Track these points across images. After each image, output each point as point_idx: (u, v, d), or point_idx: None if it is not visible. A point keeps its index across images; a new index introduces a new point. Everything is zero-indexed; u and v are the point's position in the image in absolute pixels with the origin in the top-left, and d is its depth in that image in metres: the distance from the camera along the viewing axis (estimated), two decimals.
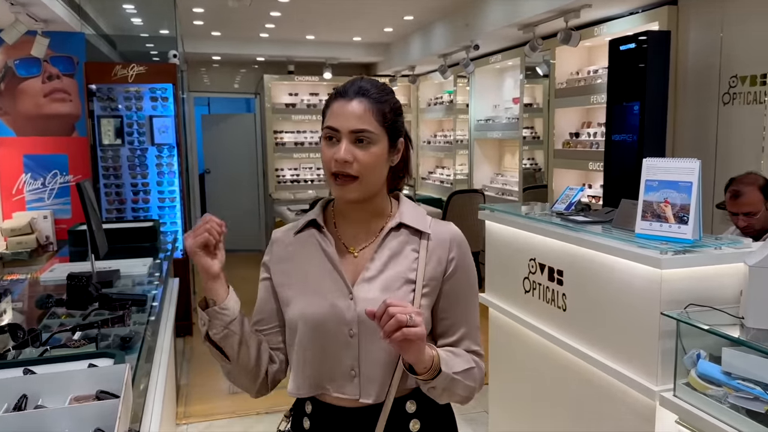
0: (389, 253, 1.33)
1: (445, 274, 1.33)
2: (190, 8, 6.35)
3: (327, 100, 1.34)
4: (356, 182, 1.27)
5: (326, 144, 1.28)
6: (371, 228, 1.37)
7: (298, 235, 1.39)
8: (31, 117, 5.26)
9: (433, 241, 1.34)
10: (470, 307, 1.37)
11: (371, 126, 1.27)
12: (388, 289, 1.28)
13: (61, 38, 5.13)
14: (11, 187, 5.23)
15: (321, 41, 8.43)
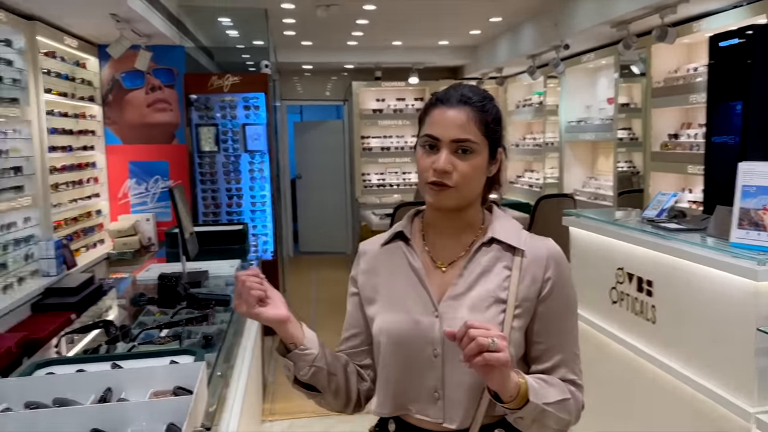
0: (479, 269, 1.25)
1: (540, 294, 1.23)
2: (281, 19, 6.58)
3: (426, 106, 1.28)
4: (453, 190, 1.21)
5: (424, 152, 1.23)
6: (461, 241, 1.29)
7: (385, 247, 1.34)
8: (136, 126, 5.64)
9: (528, 258, 1.25)
10: (568, 332, 1.27)
11: (473, 135, 1.21)
12: (476, 309, 1.21)
13: (162, 51, 5.47)
14: (117, 192, 5.63)
15: (407, 47, 8.48)
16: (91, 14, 4.39)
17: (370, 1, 5.88)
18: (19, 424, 1.23)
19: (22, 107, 4.17)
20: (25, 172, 4.21)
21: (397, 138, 9.33)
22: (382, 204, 8.43)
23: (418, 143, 1.26)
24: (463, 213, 1.28)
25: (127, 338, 1.95)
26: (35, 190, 4.31)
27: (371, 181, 9.28)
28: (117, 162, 5.62)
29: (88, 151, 5.35)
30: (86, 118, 5.36)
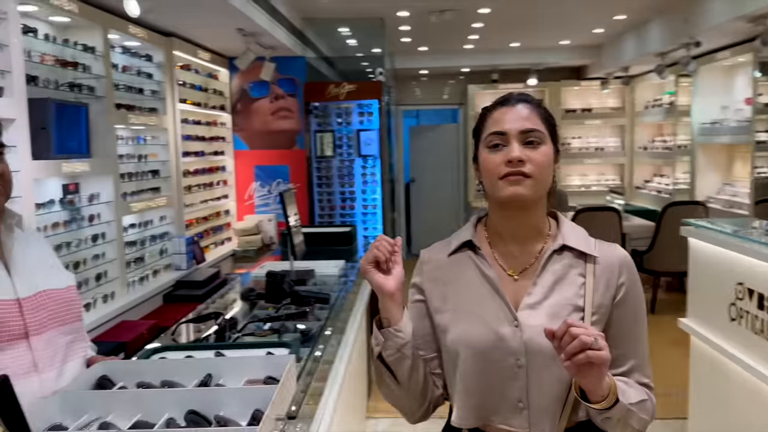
0: (553, 277, 1.25)
1: (615, 299, 1.24)
2: (397, 27, 6.72)
3: (482, 114, 1.32)
4: (530, 180, 1.20)
5: (490, 152, 1.24)
6: (530, 249, 1.28)
7: (453, 256, 1.32)
8: (261, 132, 6.03)
9: (601, 264, 1.25)
10: (640, 337, 1.27)
11: (539, 126, 1.24)
12: (555, 317, 1.20)
13: (285, 62, 5.81)
14: (244, 193, 6.05)
15: (526, 48, 8.32)
16: (221, 29, 4.76)
17: (485, 5, 5.86)
18: (129, 401, 1.40)
19: (160, 116, 4.62)
20: (162, 175, 4.67)
21: None
22: None
23: (482, 147, 1.27)
24: (531, 217, 1.27)
25: (233, 329, 2.12)
26: (170, 192, 4.76)
27: None
28: (244, 166, 6.05)
29: (218, 156, 5.80)
30: (217, 125, 5.82)
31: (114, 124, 3.90)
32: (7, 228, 1.49)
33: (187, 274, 4.61)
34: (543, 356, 1.18)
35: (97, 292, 3.66)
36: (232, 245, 5.86)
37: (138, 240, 4.30)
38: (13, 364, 1.40)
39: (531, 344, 1.20)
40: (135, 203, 4.18)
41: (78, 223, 3.60)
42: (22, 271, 1.47)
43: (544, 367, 1.19)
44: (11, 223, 1.51)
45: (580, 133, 9.09)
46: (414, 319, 1.32)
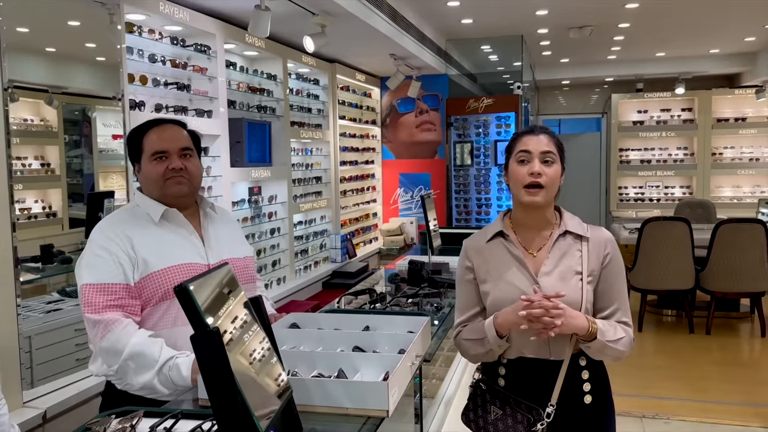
0: (560, 253, 1.79)
1: (602, 265, 1.77)
2: (538, 42, 7.05)
3: (513, 138, 1.84)
4: (543, 190, 1.74)
5: (518, 165, 1.77)
6: (543, 234, 1.82)
7: (490, 242, 1.84)
8: (406, 144, 6.68)
9: (592, 242, 1.79)
10: (621, 289, 1.79)
11: (553, 150, 1.76)
12: (563, 279, 1.75)
13: (429, 80, 6.41)
14: (390, 198, 6.74)
15: (672, 57, 8.20)
16: (376, 54, 5.46)
17: (625, 20, 6.02)
18: (314, 338, 2.01)
19: (323, 131, 5.41)
20: (324, 181, 5.46)
21: (660, 150, 9.02)
22: (637, 218, 8.27)
23: (512, 160, 1.80)
24: (544, 212, 1.80)
25: (383, 302, 2.70)
26: (330, 195, 5.54)
27: (628, 195, 9.13)
28: (390, 174, 6.74)
29: (369, 165, 6.53)
30: (369, 137, 6.56)
31: (289, 138, 4.72)
32: (204, 213, 1.99)
33: (342, 266, 5.34)
34: None
35: (273, 276, 4.48)
36: (379, 244, 6.56)
37: (304, 235, 5.11)
38: None
39: None
40: (303, 204, 4.98)
41: (260, 219, 4.44)
42: (213, 244, 1.94)
43: None
44: (207, 208, 2.00)
45: (733, 142, 8.73)
46: (469, 292, 1.88)
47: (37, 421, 2.30)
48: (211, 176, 3.81)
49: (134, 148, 1.90)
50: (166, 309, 1.82)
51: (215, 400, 1.15)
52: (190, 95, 3.69)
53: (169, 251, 1.84)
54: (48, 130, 2.83)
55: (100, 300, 1.73)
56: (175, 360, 1.70)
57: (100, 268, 1.76)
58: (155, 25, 3.38)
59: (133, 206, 1.92)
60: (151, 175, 1.86)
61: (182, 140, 1.90)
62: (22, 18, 2.45)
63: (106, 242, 1.79)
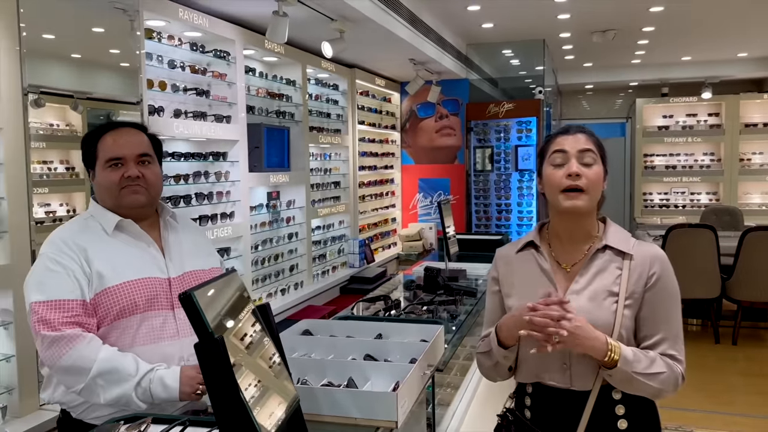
0: (595, 270, 1.55)
1: (646, 286, 1.52)
2: (560, 46, 6.98)
3: (547, 139, 1.63)
4: (584, 194, 1.51)
5: (554, 169, 1.55)
6: (581, 248, 1.59)
7: (520, 253, 1.66)
8: (426, 149, 6.66)
9: (636, 260, 1.53)
10: (670, 316, 1.52)
11: (593, 149, 1.54)
12: (594, 300, 1.52)
13: (450, 85, 6.38)
14: (409, 203, 6.72)
15: (699, 61, 8.06)
16: (395, 59, 5.45)
17: (649, 23, 5.93)
18: (325, 345, 1.99)
19: (342, 136, 5.41)
20: (342, 186, 5.46)
21: (686, 156, 8.86)
22: (662, 225, 8.13)
23: (546, 164, 1.58)
24: (583, 223, 1.58)
25: (398, 309, 2.68)
26: (348, 200, 5.53)
27: (653, 201, 8.98)
28: (409, 179, 6.71)
29: (388, 170, 6.52)
30: (388, 142, 6.55)
31: (308, 143, 4.73)
32: (165, 221, 1.85)
33: (359, 271, 5.33)
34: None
35: (290, 280, 4.48)
36: (397, 249, 6.53)
37: (321, 240, 5.11)
38: (162, 329, 1.71)
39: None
40: (321, 209, 4.99)
41: (278, 224, 4.45)
42: (174, 256, 1.80)
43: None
44: (167, 217, 1.86)
45: (761, 148, 8.53)
46: (494, 305, 1.71)
47: (52, 424, 2.32)
48: (230, 181, 3.82)
49: (88, 152, 1.76)
50: (124, 328, 1.68)
51: (219, 409, 1.14)
52: (210, 101, 3.71)
53: (125, 265, 1.70)
54: (73, 134, 2.88)
55: (56, 317, 1.58)
56: (156, 372, 1.58)
57: (53, 283, 1.62)
58: (175, 32, 3.41)
59: (86, 217, 1.78)
60: (106, 183, 1.73)
61: (140, 146, 1.76)
62: (48, 25, 2.49)
63: (58, 255, 1.65)
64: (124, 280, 1.68)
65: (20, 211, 2.29)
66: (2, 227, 2.24)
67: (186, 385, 1.55)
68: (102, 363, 1.57)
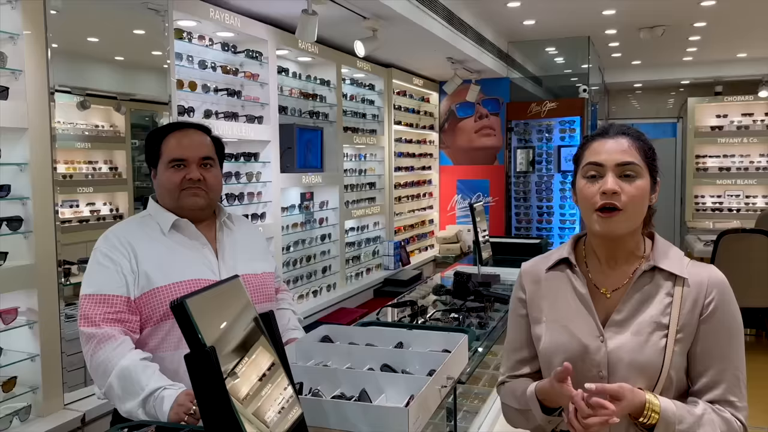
0: (642, 296, 1.31)
1: (701, 317, 1.27)
2: (607, 44, 6.74)
3: (582, 144, 1.39)
4: (621, 214, 1.27)
5: (587, 182, 1.31)
6: (624, 269, 1.34)
7: (551, 271, 1.41)
8: (465, 149, 6.53)
9: (690, 285, 1.29)
10: (729, 354, 1.28)
11: (636, 159, 1.28)
12: (639, 334, 1.28)
13: (489, 84, 6.23)
14: (446, 205, 6.60)
15: (755, 57, 7.67)
16: (432, 58, 5.35)
17: (700, 18, 5.65)
18: (343, 353, 1.92)
19: (378, 136, 5.35)
20: (377, 187, 5.39)
21: (741, 157, 8.44)
22: (714, 230, 7.77)
23: (579, 175, 1.34)
24: (626, 241, 1.33)
25: (424, 314, 2.59)
26: (383, 201, 5.46)
27: (705, 204, 8.60)
28: (448, 180, 6.59)
29: (425, 171, 6.42)
30: (426, 143, 6.45)
31: (342, 143, 4.68)
32: (221, 224, 1.84)
33: (394, 274, 5.25)
34: (623, 369, 1.26)
35: (323, 282, 4.44)
36: (434, 251, 6.42)
37: (356, 241, 5.05)
38: None
39: (613, 358, 1.28)
40: (355, 210, 4.93)
41: (311, 225, 4.41)
42: (228, 258, 1.80)
43: (624, 380, 1.25)
44: (224, 219, 1.85)
45: None
46: (522, 330, 1.46)
47: (76, 424, 2.33)
48: (261, 182, 3.80)
49: (152, 151, 1.78)
50: (169, 329, 1.68)
51: (209, 423, 1.08)
52: (242, 101, 3.70)
53: (175, 266, 1.71)
54: (116, 135, 2.93)
55: (98, 312, 1.61)
56: (161, 392, 1.54)
57: (101, 277, 1.65)
58: (207, 32, 3.41)
59: (144, 215, 1.81)
60: (167, 184, 1.75)
61: (203, 149, 1.78)
62: (92, 29, 2.53)
63: (110, 251, 1.68)
64: (172, 281, 1.69)
65: (45, 212, 2.30)
66: (28, 227, 2.25)
67: (173, 411, 1.49)
68: (121, 370, 1.56)
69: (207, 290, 1.19)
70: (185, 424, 1.45)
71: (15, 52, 2.22)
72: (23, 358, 2.26)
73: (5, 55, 2.19)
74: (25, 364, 2.28)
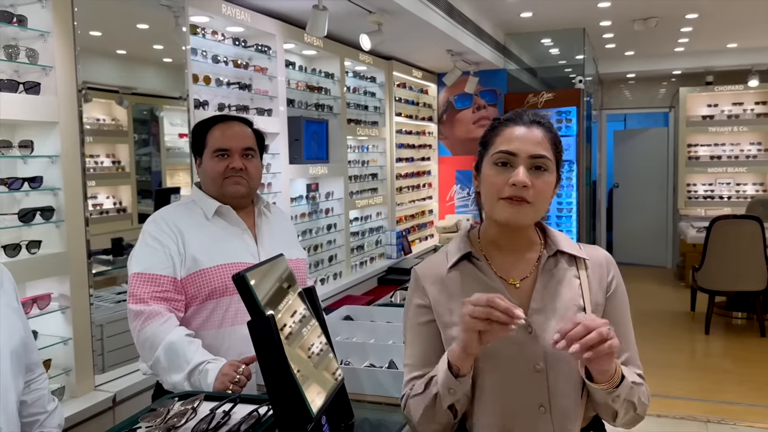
0: (553, 282, 1.29)
1: (607, 294, 1.32)
2: (601, 35, 6.86)
3: (492, 126, 1.32)
4: (530, 207, 1.23)
5: (496, 170, 1.25)
6: (527, 257, 1.32)
7: (453, 270, 1.31)
8: (463, 140, 6.65)
9: (591, 265, 1.32)
10: (630, 328, 1.32)
11: (548, 153, 1.25)
12: (563, 318, 1.23)
13: (487, 75, 6.35)
14: (446, 195, 6.73)
15: (745, 48, 7.82)
16: (432, 51, 5.45)
17: (693, 10, 5.79)
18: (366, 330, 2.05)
19: (379, 128, 5.46)
20: (379, 178, 5.50)
21: (731, 146, 8.62)
22: (706, 216, 7.95)
23: (487, 161, 1.28)
24: (528, 229, 1.33)
25: None
26: (385, 192, 5.58)
27: (697, 192, 8.78)
28: (446, 170, 6.72)
29: (425, 162, 6.54)
30: (425, 134, 6.56)
31: (346, 135, 4.79)
32: (259, 211, 1.96)
33: (397, 263, 5.37)
34: (560, 357, 1.21)
35: (329, 271, 4.56)
36: (434, 241, 6.55)
37: (359, 231, 5.17)
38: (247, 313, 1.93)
39: (548, 347, 1.21)
40: (359, 200, 5.05)
41: (317, 215, 4.52)
42: (266, 243, 1.91)
43: (561, 369, 1.22)
44: (262, 207, 1.97)
45: None
46: (428, 339, 1.32)
47: (107, 404, 2.44)
48: (271, 173, 3.91)
49: (198, 141, 1.91)
50: (213, 308, 1.80)
51: (271, 384, 1.20)
52: (251, 94, 3.80)
53: (220, 249, 1.82)
54: (119, 129, 2.97)
55: (146, 290, 1.72)
56: (206, 365, 1.63)
57: (150, 258, 1.76)
58: (218, 27, 3.50)
59: (188, 201, 1.94)
60: (211, 172, 1.87)
61: (246, 139, 1.90)
62: (95, 23, 2.59)
63: (158, 233, 1.80)
64: (218, 263, 1.80)
65: (76, 202, 2.40)
66: (60, 216, 2.35)
67: (218, 381, 1.60)
68: (168, 344, 1.67)
69: (260, 266, 1.32)
70: (231, 393, 1.57)
71: (45, 49, 2.31)
72: (57, 341, 2.37)
73: (37, 52, 2.29)
74: (59, 348, 2.39)
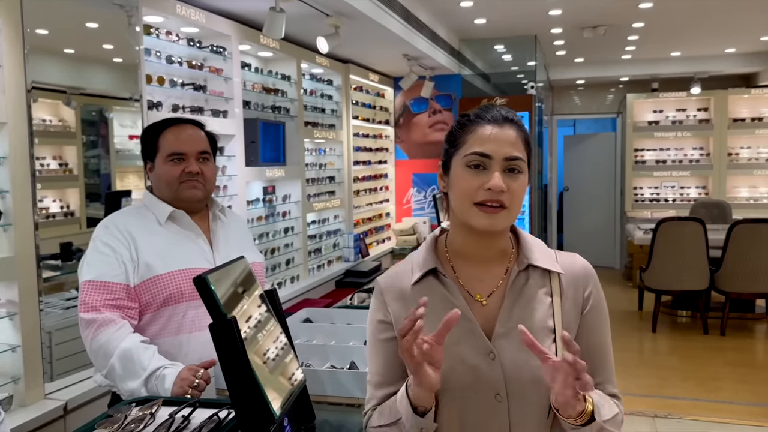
0: (522, 300, 1.18)
1: (583, 311, 1.20)
2: (552, 42, 7.05)
3: (462, 124, 1.22)
4: (506, 212, 1.14)
5: (469, 173, 1.16)
6: (495, 270, 1.21)
7: (418, 284, 1.21)
8: (419, 144, 6.72)
9: (566, 279, 1.20)
10: (606, 347, 1.22)
11: (522, 154, 1.17)
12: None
13: (443, 80, 6.44)
14: (402, 198, 6.78)
15: (688, 56, 8.17)
16: (389, 55, 5.49)
17: (639, 19, 6.01)
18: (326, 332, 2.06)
19: (337, 131, 5.46)
20: (337, 181, 5.50)
21: (676, 150, 8.97)
22: (652, 219, 8.24)
23: (458, 162, 1.19)
24: (499, 240, 1.21)
25: None
26: (343, 195, 5.59)
27: (643, 195, 9.09)
28: (403, 173, 6.77)
29: (382, 165, 6.57)
30: (382, 138, 6.60)
31: (303, 138, 4.77)
32: (214, 215, 1.92)
33: (355, 265, 5.38)
34: (522, 385, 1.13)
35: (287, 274, 4.53)
36: (392, 243, 6.59)
37: (317, 234, 5.16)
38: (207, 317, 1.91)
39: (510, 375, 1.13)
40: (316, 203, 5.04)
41: (274, 218, 4.49)
42: (222, 248, 1.87)
43: (524, 397, 1.14)
44: (217, 211, 1.93)
45: (749, 142, 8.66)
46: (388, 357, 1.23)
47: (59, 413, 2.37)
48: (227, 175, 3.86)
49: (149, 145, 1.86)
50: (170, 316, 1.76)
51: (233, 387, 1.20)
52: (206, 96, 3.75)
53: (174, 255, 1.78)
54: (66, 130, 2.87)
55: (98, 298, 1.67)
56: (163, 371, 1.61)
57: (101, 264, 1.71)
58: (172, 27, 3.45)
59: (140, 206, 1.88)
60: (166, 177, 1.82)
61: (200, 143, 1.86)
62: (42, 20, 2.51)
63: (110, 239, 1.74)
64: (172, 269, 1.76)
65: (24, 205, 2.33)
66: (7, 220, 2.28)
67: (177, 386, 1.58)
68: (122, 351, 1.63)
69: (220, 268, 1.31)
70: (189, 397, 1.55)
71: None
72: (4, 349, 2.29)
73: None
74: (7, 355, 2.30)
